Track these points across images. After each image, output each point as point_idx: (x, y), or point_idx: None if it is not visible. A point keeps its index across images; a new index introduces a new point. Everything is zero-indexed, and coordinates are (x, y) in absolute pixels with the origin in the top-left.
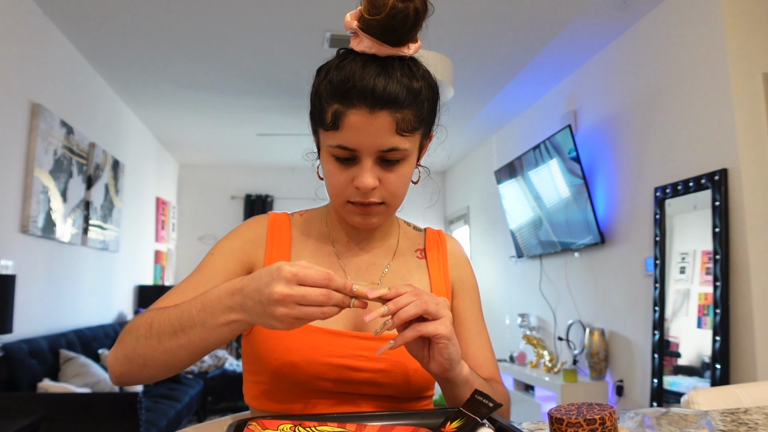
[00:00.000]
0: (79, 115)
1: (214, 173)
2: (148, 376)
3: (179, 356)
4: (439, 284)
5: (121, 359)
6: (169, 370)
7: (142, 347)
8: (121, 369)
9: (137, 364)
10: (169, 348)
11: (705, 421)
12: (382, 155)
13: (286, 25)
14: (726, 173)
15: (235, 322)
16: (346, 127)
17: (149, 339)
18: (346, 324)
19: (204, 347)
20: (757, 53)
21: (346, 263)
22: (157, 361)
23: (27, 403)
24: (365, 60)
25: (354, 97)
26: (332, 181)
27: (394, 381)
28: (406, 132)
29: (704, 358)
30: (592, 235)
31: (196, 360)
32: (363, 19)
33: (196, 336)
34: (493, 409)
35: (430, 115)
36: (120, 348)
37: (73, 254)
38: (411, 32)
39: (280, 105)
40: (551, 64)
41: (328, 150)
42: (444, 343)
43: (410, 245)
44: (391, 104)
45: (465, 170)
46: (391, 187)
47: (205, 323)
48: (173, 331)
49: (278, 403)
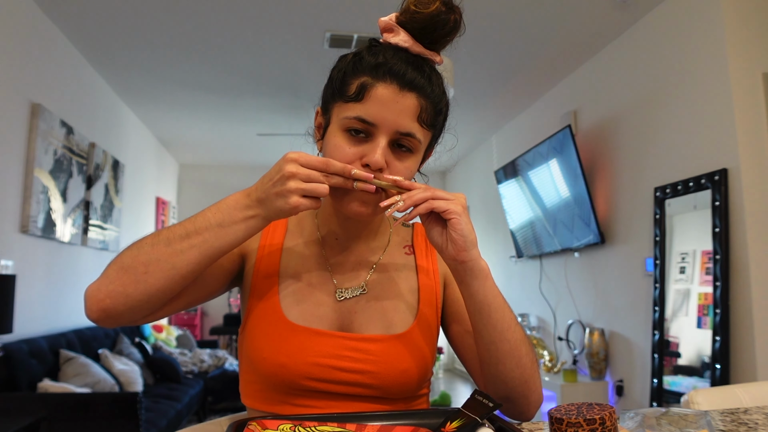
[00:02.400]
0: (79, 115)
1: (214, 173)
2: (141, 290)
3: (188, 257)
4: (427, 279)
5: (111, 276)
6: (171, 278)
7: (145, 254)
8: (108, 288)
9: (135, 274)
10: (179, 249)
11: (705, 421)
12: (398, 138)
13: (286, 25)
14: (726, 173)
15: (252, 218)
16: (372, 99)
17: (155, 245)
18: (332, 324)
19: (218, 247)
20: (757, 53)
21: (334, 258)
22: (162, 265)
23: (27, 403)
24: (397, 49)
25: (386, 72)
26: (337, 155)
27: (382, 382)
28: (424, 123)
29: (704, 358)
30: (592, 235)
31: (203, 264)
32: (406, 12)
33: (212, 235)
34: (493, 409)
35: (441, 125)
36: (112, 266)
37: (73, 254)
38: (444, 39)
39: (280, 105)
40: (551, 64)
41: (342, 123)
42: (456, 218)
43: (399, 241)
44: (419, 90)
45: (465, 170)
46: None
47: (222, 222)
48: (185, 234)
49: (271, 402)
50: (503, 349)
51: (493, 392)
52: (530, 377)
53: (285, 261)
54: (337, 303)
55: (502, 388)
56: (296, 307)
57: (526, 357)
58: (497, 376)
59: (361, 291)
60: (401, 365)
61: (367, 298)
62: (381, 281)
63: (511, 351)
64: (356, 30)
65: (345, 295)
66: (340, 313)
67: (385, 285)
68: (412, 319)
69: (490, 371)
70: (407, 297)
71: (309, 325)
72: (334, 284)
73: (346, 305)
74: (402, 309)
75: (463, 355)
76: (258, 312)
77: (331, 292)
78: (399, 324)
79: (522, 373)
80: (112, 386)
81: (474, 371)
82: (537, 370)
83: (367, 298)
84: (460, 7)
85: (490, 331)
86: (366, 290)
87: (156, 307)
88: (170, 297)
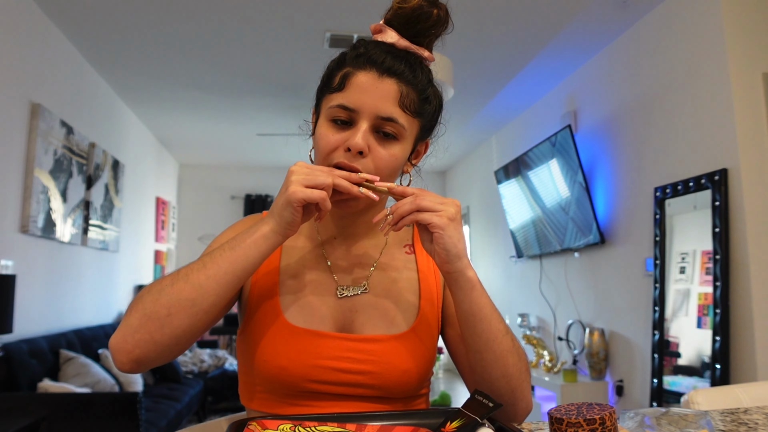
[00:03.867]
0: (79, 115)
1: (214, 173)
2: (168, 334)
3: (207, 289)
4: (428, 279)
5: (135, 325)
6: (194, 315)
7: (166, 295)
8: (134, 339)
9: (159, 318)
10: (197, 282)
11: (705, 421)
12: (380, 124)
13: (286, 25)
14: (726, 173)
15: (262, 236)
16: (352, 87)
17: (175, 283)
18: (333, 325)
19: (232, 272)
20: (757, 53)
21: (334, 258)
22: (183, 304)
23: (27, 403)
24: (380, 43)
25: (365, 61)
26: (322, 143)
27: (383, 382)
28: (407, 109)
29: (704, 358)
30: (592, 235)
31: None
32: (391, 10)
33: (225, 261)
34: (493, 409)
35: (432, 117)
36: (134, 313)
37: (73, 254)
38: (428, 32)
39: (280, 105)
40: (551, 64)
41: (327, 113)
42: (438, 233)
43: (398, 241)
44: (399, 75)
45: (465, 170)
46: (379, 162)
47: (234, 246)
48: (202, 265)
49: (272, 404)
50: (488, 358)
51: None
52: (517, 387)
53: (285, 261)
54: (337, 301)
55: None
56: (296, 308)
57: (513, 367)
58: (483, 384)
59: (362, 290)
60: (402, 365)
61: (369, 297)
62: (382, 280)
63: (496, 361)
64: (356, 30)
65: (346, 293)
66: (341, 312)
67: (387, 284)
68: (413, 318)
69: (477, 378)
70: (408, 296)
71: (309, 327)
72: (335, 282)
73: (347, 303)
74: (403, 308)
75: (456, 359)
76: (258, 314)
77: (332, 290)
78: (400, 323)
79: (508, 383)
80: (112, 386)
81: (465, 375)
82: (526, 379)
83: (368, 296)
84: (445, 4)
85: (476, 340)
86: (367, 289)
87: (186, 346)
88: (199, 335)
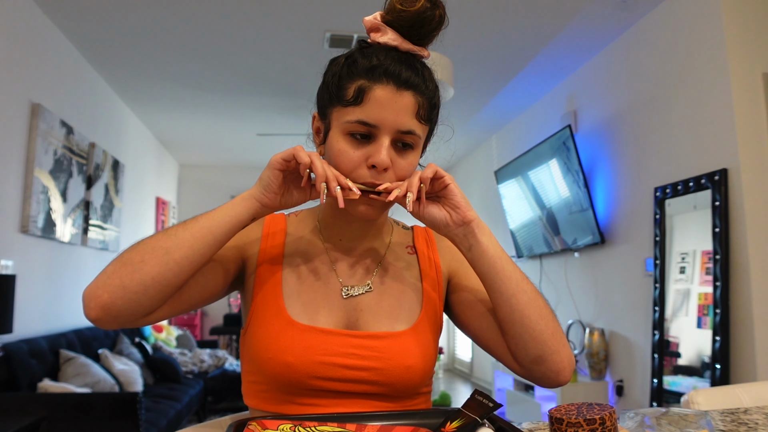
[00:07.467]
0: (79, 115)
1: (214, 173)
2: (137, 280)
3: (181, 239)
4: (431, 276)
5: (109, 271)
6: (166, 263)
7: (143, 244)
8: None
9: (132, 264)
10: (173, 233)
11: (705, 421)
12: (400, 137)
13: (286, 25)
14: (726, 173)
15: (242, 197)
16: (371, 102)
17: (155, 235)
18: (338, 322)
19: (209, 227)
20: (757, 53)
21: (339, 258)
22: (156, 252)
23: (27, 403)
24: (387, 49)
25: (382, 74)
26: (343, 159)
27: (388, 378)
28: (422, 119)
29: (704, 358)
30: (592, 235)
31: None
32: (392, 11)
33: (205, 219)
34: (492, 409)
35: (435, 119)
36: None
37: (73, 254)
38: (430, 34)
39: (280, 105)
40: (551, 64)
41: (344, 127)
42: (451, 183)
43: (400, 242)
44: (415, 87)
45: (465, 170)
46: (399, 173)
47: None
48: (184, 223)
49: (276, 402)
50: (523, 300)
51: (524, 356)
52: (556, 330)
53: (288, 262)
54: (342, 301)
55: (532, 347)
56: (301, 307)
57: (546, 308)
58: (524, 335)
59: (366, 289)
60: (406, 361)
61: (373, 296)
62: (386, 279)
63: (531, 301)
64: (356, 30)
65: (351, 293)
66: (346, 311)
67: (391, 283)
68: (416, 315)
69: (516, 331)
70: (412, 294)
71: (314, 324)
72: (340, 283)
73: (351, 303)
74: (406, 306)
75: (483, 335)
76: (261, 313)
77: (337, 290)
78: (404, 320)
79: (548, 325)
80: (112, 386)
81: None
82: (559, 324)
83: (372, 295)
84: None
85: (507, 284)
86: (372, 288)
87: (154, 301)
88: (168, 290)
